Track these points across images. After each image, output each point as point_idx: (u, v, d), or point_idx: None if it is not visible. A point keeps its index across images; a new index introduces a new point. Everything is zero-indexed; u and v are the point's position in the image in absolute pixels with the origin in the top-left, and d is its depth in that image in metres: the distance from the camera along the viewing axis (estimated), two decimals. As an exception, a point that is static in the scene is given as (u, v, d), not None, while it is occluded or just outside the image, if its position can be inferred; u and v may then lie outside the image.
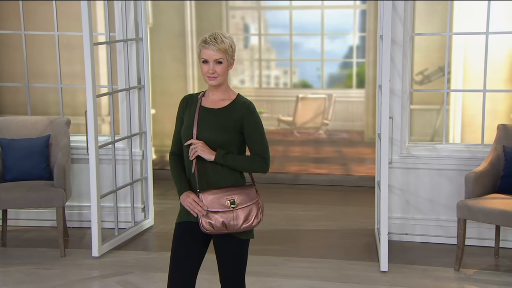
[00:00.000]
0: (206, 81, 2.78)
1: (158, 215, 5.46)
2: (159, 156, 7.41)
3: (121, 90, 4.97)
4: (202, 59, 2.75)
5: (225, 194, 2.73)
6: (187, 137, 2.76)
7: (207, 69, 2.74)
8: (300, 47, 7.96)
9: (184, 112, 2.84)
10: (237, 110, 2.76)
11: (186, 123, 2.79)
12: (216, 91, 2.80)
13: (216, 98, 2.80)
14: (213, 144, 2.74)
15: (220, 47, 2.71)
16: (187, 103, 2.85)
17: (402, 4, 4.61)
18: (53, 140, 4.85)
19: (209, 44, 2.70)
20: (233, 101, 2.78)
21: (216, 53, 2.71)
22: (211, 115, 2.77)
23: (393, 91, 4.67)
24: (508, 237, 4.60)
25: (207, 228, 2.70)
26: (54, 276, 4.24)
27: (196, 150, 2.72)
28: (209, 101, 2.80)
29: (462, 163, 4.69)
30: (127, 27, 4.96)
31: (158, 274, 4.26)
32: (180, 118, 2.85)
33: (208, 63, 2.73)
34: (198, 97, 2.83)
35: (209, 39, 2.72)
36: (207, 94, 2.84)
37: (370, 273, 4.23)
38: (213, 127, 2.75)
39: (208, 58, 2.72)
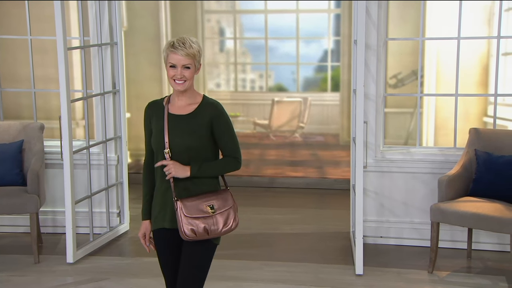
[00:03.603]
0: (173, 86, 2.74)
1: (133, 220, 5.42)
2: (134, 159, 7.37)
3: (95, 95, 4.94)
4: (169, 63, 2.72)
5: (202, 200, 2.73)
6: (159, 145, 2.74)
7: (173, 74, 2.72)
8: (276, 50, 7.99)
9: (151, 121, 2.80)
10: (206, 112, 2.75)
11: (156, 131, 2.76)
12: (183, 96, 2.77)
13: (183, 103, 2.77)
14: (187, 151, 2.72)
15: (189, 52, 2.69)
16: (152, 111, 2.81)
17: (376, 9, 4.65)
18: (26, 145, 4.79)
19: (177, 49, 2.68)
20: (200, 104, 2.77)
21: (184, 58, 2.69)
22: (180, 121, 2.74)
23: (368, 96, 4.71)
24: (480, 239, 4.68)
25: (189, 235, 2.70)
26: (28, 283, 4.19)
27: (170, 173, 2.70)
28: (176, 107, 2.77)
29: (436, 166, 4.75)
30: (102, 31, 4.92)
31: (133, 279, 4.24)
32: (148, 127, 2.82)
33: (176, 67, 2.71)
34: (164, 104, 2.79)
35: (177, 43, 2.70)
36: (172, 99, 2.80)
37: (346, 277, 4.26)
38: (185, 133, 2.72)
39: (176, 63, 2.70)
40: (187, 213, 2.69)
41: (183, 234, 2.70)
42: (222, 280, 4.20)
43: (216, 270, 4.34)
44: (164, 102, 2.80)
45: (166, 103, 2.79)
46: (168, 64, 2.73)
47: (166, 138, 2.71)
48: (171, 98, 2.81)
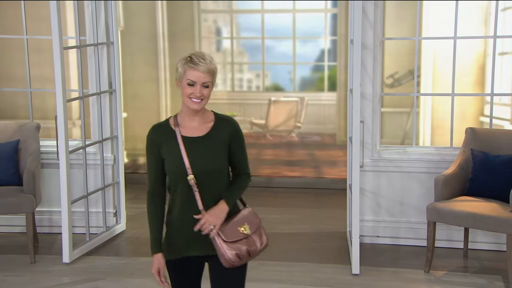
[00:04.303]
0: (189, 104, 2.51)
1: (130, 220, 5.42)
2: (131, 159, 7.36)
3: (92, 94, 4.93)
4: (188, 80, 2.49)
5: (235, 223, 2.56)
6: (179, 172, 2.52)
7: (191, 92, 2.49)
8: (272, 50, 7.99)
9: (160, 148, 2.56)
10: (223, 131, 2.57)
11: (171, 158, 2.54)
12: (195, 116, 2.55)
13: (196, 124, 2.56)
14: (212, 174, 2.53)
15: (209, 68, 2.50)
16: (159, 136, 2.57)
17: (372, 9, 4.65)
18: (22, 145, 4.78)
19: (197, 65, 2.48)
20: (215, 122, 2.57)
21: (204, 75, 2.49)
22: (198, 144, 2.54)
23: (364, 95, 4.71)
24: (476, 239, 4.68)
25: (234, 260, 2.53)
26: (24, 283, 4.18)
27: (213, 228, 2.51)
28: (188, 129, 2.56)
29: (432, 166, 4.75)
30: (98, 30, 4.91)
31: (130, 279, 4.24)
32: (154, 154, 2.57)
33: (195, 85, 2.48)
34: (172, 127, 2.57)
35: (196, 59, 2.49)
36: (182, 120, 2.58)
37: (342, 276, 4.26)
38: (206, 156, 2.53)
39: (196, 80, 2.48)
40: (227, 238, 2.52)
41: (227, 260, 2.52)
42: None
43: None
44: (172, 125, 2.57)
45: (174, 125, 2.56)
46: (185, 81, 2.50)
47: (187, 164, 2.51)
48: (180, 119, 2.58)
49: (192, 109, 2.52)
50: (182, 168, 2.51)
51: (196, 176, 2.51)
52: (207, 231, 2.51)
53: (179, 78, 2.55)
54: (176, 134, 2.54)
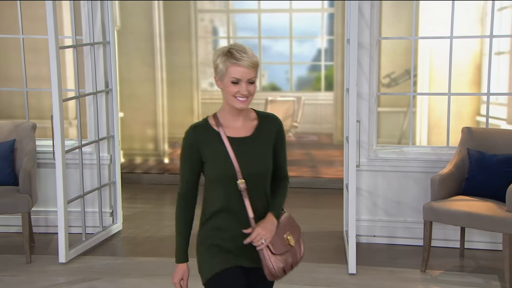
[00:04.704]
0: (234, 103, 2.30)
1: (126, 220, 5.42)
2: (127, 159, 7.35)
3: (88, 94, 4.92)
4: (232, 78, 2.27)
5: (279, 232, 2.38)
6: (229, 178, 2.33)
7: (237, 90, 2.28)
8: (269, 50, 7.99)
9: (201, 150, 2.35)
10: (269, 130, 2.39)
11: (218, 162, 2.34)
12: (239, 115, 2.36)
13: (240, 123, 2.37)
14: (261, 177, 2.36)
15: (253, 62, 2.29)
16: (201, 137, 2.35)
17: (369, 9, 4.65)
18: (18, 145, 4.77)
19: (241, 60, 2.26)
20: (259, 120, 2.40)
21: (249, 70, 2.28)
22: (246, 145, 2.35)
23: (361, 95, 4.71)
24: (472, 238, 4.68)
25: (280, 274, 2.37)
26: (20, 283, 4.17)
27: (264, 242, 2.33)
28: (233, 129, 2.36)
29: (428, 165, 4.75)
30: (94, 30, 4.91)
31: (126, 279, 4.23)
32: (192, 156, 2.36)
33: (240, 83, 2.27)
34: (215, 127, 2.36)
35: (238, 53, 2.27)
36: (224, 120, 2.37)
37: (339, 276, 4.26)
38: (256, 157, 2.35)
39: (241, 77, 2.26)
40: (276, 251, 2.35)
41: (272, 274, 2.35)
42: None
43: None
44: (214, 125, 2.37)
45: (216, 126, 2.36)
46: (228, 79, 2.28)
47: (237, 167, 2.31)
48: (222, 118, 2.38)
49: (237, 108, 2.32)
50: (231, 172, 2.32)
51: (245, 179, 2.32)
52: (259, 245, 2.33)
53: (219, 76, 2.31)
54: (221, 135, 2.34)
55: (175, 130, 7.45)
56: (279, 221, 2.38)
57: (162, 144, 7.43)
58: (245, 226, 2.35)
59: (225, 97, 2.34)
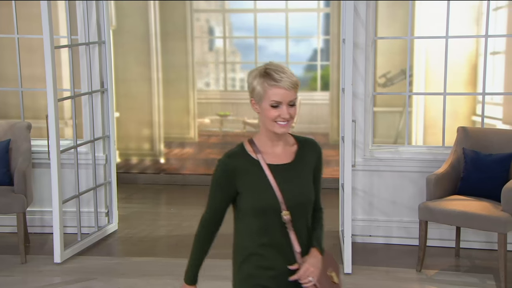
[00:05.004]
0: (274, 129, 2.13)
1: (122, 220, 5.41)
2: (123, 159, 7.34)
3: (83, 94, 4.91)
4: (272, 102, 2.10)
5: (323, 268, 2.24)
6: (271, 209, 2.15)
7: (278, 114, 2.10)
8: (265, 50, 7.99)
9: (237, 179, 2.17)
10: (309, 156, 2.24)
11: (258, 192, 2.16)
12: (279, 140, 2.19)
13: (280, 149, 2.20)
14: (305, 207, 2.21)
15: (293, 82, 2.11)
16: (238, 165, 2.17)
17: (364, 9, 4.65)
18: (13, 144, 4.76)
19: (280, 81, 2.08)
20: (299, 145, 2.24)
21: (290, 92, 2.10)
22: (288, 173, 2.18)
23: (356, 95, 4.71)
24: (468, 238, 4.69)
25: None
26: (15, 283, 4.16)
27: (312, 280, 2.17)
28: (272, 155, 2.19)
29: (424, 165, 4.76)
30: (89, 30, 4.90)
31: (121, 279, 4.22)
32: (226, 186, 2.19)
33: (280, 106, 2.10)
34: (252, 154, 2.18)
35: (277, 74, 2.09)
36: (262, 146, 2.20)
37: None
38: (298, 186, 2.19)
39: (281, 99, 2.09)
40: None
41: None
42: (211, 279, 4.16)
43: (207, 269, 4.29)
44: (251, 152, 2.18)
45: (254, 152, 2.18)
46: (267, 103, 2.10)
47: (280, 197, 2.13)
48: (259, 145, 2.20)
49: (277, 134, 2.15)
50: (274, 203, 2.14)
51: (289, 210, 2.15)
52: (306, 283, 2.17)
53: (257, 99, 2.13)
54: (260, 163, 2.16)
55: (171, 130, 7.44)
56: (323, 256, 2.23)
57: (158, 144, 7.42)
58: (290, 262, 2.19)
59: (263, 122, 2.16)
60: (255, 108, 2.17)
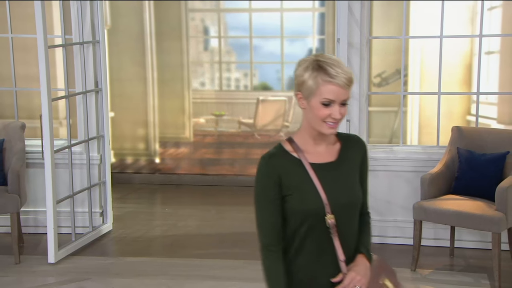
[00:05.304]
0: (322, 129, 1.96)
1: (117, 220, 5.40)
2: (118, 159, 7.33)
3: (77, 93, 4.91)
4: (324, 99, 1.92)
5: (373, 277, 2.06)
6: (314, 212, 1.97)
7: (329, 113, 1.93)
8: (260, 49, 7.99)
9: (281, 181, 1.98)
10: (354, 153, 2.06)
11: (301, 193, 1.98)
12: (322, 139, 2.02)
13: (323, 148, 2.03)
14: (351, 210, 2.02)
15: (350, 79, 1.93)
16: (279, 166, 1.98)
17: (359, 8, 4.65)
18: (7, 144, 4.75)
19: (336, 77, 1.89)
20: (342, 143, 2.07)
21: (345, 90, 1.92)
22: (331, 172, 2.01)
23: (351, 94, 4.70)
24: (462, 237, 4.69)
25: None
26: (8, 283, 4.15)
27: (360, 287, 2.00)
28: (314, 154, 2.01)
29: (419, 164, 4.76)
30: (84, 29, 4.89)
31: (115, 279, 4.22)
32: (273, 191, 1.98)
33: (331, 105, 1.92)
34: (293, 154, 2.01)
35: (332, 69, 1.89)
36: (303, 145, 2.02)
37: None
38: (343, 186, 2.01)
39: (335, 98, 1.91)
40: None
41: None
42: (204, 279, 4.19)
43: (199, 269, 4.35)
44: (292, 151, 2.01)
45: (295, 151, 2.00)
46: (319, 100, 1.92)
47: (324, 199, 1.96)
48: (300, 144, 2.02)
49: (322, 133, 1.98)
50: (317, 205, 1.96)
51: (334, 214, 1.97)
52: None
53: (305, 94, 1.95)
54: (303, 162, 1.98)
55: (166, 129, 7.44)
56: (371, 264, 2.05)
57: (153, 143, 7.41)
58: (333, 271, 2.00)
59: (308, 119, 1.98)
60: (301, 103, 1.99)
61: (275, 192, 1.98)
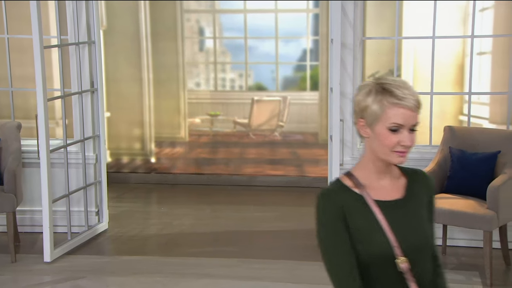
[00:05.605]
0: (389, 158, 1.78)
1: (112, 219, 5.43)
2: (114, 159, 7.37)
3: (73, 93, 4.94)
4: (392, 124, 1.74)
5: None
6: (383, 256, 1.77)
7: (397, 141, 1.75)
8: (255, 50, 8.03)
9: (346, 218, 1.79)
10: (421, 190, 1.89)
11: (365, 235, 1.78)
12: (386, 172, 1.84)
13: (387, 183, 1.85)
14: (423, 252, 1.82)
15: (418, 101, 1.75)
16: (344, 206, 1.79)
17: (352, 9, 4.70)
18: (3, 144, 4.78)
19: (404, 99, 1.72)
20: (408, 178, 1.89)
21: (414, 114, 1.74)
22: (399, 211, 1.82)
23: (344, 94, 4.76)
24: (454, 235, 4.73)
25: None
26: (5, 282, 4.18)
27: None
28: (379, 190, 1.83)
29: (411, 163, 4.67)
30: (79, 30, 4.93)
31: (111, 278, 4.26)
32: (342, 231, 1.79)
33: (400, 130, 1.74)
34: (355, 190, 1.82)
35: (399, 90, 1.73)
36: (365, 180, 1.84)
37: (322, 273, 4.22)
38: (413, 226, 1.82)
39: (404, 122, 1.73)
40: None
41: None
42: (199, 277, 4.22)
43: (193, 268, 4.39)
44: (353, 187, 1.82)
45: (356, 187, 1.82)
46: (385, 125, 1.75)
47: (394, 241, 1.76)
48: (362, 178, 1.84)
49: (387, 164, 1.82)
50: (386, 247, 1.76)
51: (406, 257, 1.77)
52: None
53: (369, 120, 1.77)
54: (366, 199, 1.80)
55: (162, 129, 7.47)
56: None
57: (149, 143, 7.45)
58: None
59: (372, 149, 1.81)
60: (364, 131, 1.80)
61: (343, 229, 1.78)
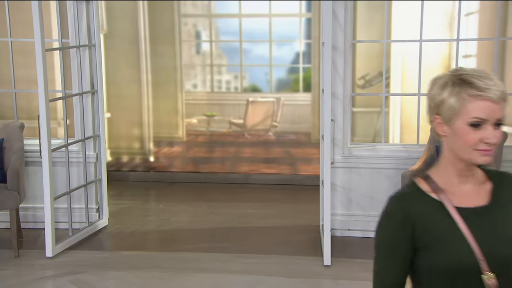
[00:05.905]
0: (472, 157, 1.57)
1: (113, 216, 5.53)
2: (114, 158, 7.49)
3: (74, 94, 5.06)
4: (473, 119, 1.54)
5: None
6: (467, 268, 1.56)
7: (479, 137, 1.54)
8: (250, 53, 8.15)
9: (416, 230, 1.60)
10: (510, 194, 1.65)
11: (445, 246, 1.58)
12: (469, 175, 1.63)
13: (470, 187, 1.64)
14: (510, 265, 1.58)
15: (504, 92, 1.54)
16: (415, 213, 1.60)
17: (343, 12, 4.81)
18: (6, 143, 4.87)
19: (487, 90, 1.51)
20: (494, 182, 1.67)
21: (499, 106, 1.53)
22: (485, 219, 1.60)
23: (335, 95, 4.88)
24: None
25: None
26: (8, 276, 4.27)
27: None
28: (460, 196, 1.63)
29: (400, 162, 4.94)
30: (80, 33, 5.03)
31: (110, 272, 4.34)
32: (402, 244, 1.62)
33: (483, 125, 1.54)
34: (432, 196, 1.62)
35: (480, 81, 1.52)
36: (445, 184, 1.63)
37: (314, 267, 4.39)
38: (501, 238, 1.58)
39: (487, 116, 1.53)
40: None
41: None
42: (195, 272, 4.30)
43: (189, 262, 4.47)
44: (431, 192, 1.62)
45: (435, 191, 1.62)
46: (466, 120, 1.54)
47: (479, 253, 1.55)
48: (440, 181, 1.64)
49: (469, 166, 1.61)
50: (470, 261, 1.55)
51: (493, 272, 1.55)
52: None
53: (447, 116, 1.57)
54: (445, 206, 1.59)
55: (160, 129, 7.60)
56: None
57: (148, 143, 7.56)
58: None
59: (452, 149, 1.60)
60: (441, 129, 1.61)
61: (404, 242, 1.62)
